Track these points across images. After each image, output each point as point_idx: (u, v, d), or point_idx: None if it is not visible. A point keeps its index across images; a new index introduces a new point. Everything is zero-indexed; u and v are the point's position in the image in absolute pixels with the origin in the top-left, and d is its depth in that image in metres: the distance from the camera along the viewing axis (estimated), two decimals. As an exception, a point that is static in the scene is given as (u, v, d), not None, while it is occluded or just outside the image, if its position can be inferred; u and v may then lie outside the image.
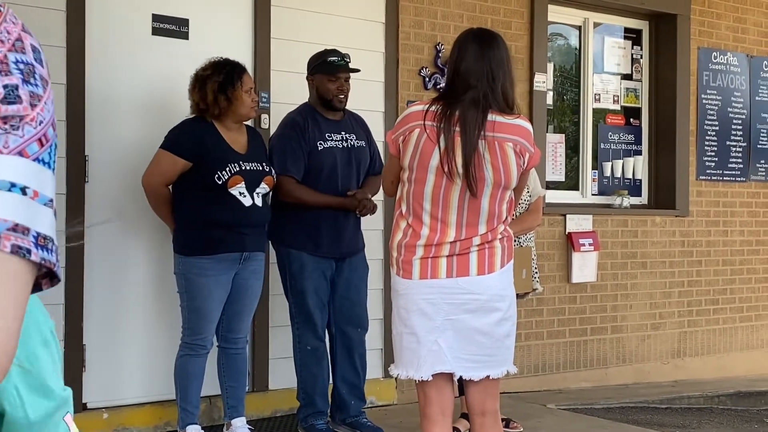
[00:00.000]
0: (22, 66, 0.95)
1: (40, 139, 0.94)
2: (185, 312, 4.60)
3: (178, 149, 4.53)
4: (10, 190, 0.90)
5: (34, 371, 1.10)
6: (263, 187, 4.64)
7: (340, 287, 4.98)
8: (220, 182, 4.48)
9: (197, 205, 4.53)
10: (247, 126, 4.79)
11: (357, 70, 4.99)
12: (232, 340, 4.72)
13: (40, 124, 0.95)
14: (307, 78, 4.99)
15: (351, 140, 5.01)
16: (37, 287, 0.96)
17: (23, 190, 0.91)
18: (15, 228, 0.89)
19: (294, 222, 4.89)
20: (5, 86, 0.93)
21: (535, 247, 5.46)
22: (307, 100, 5.03)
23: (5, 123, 0.92)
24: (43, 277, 0.96)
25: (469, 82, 3.35)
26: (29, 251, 0.89)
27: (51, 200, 0.95)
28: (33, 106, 0.95)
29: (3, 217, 0.88)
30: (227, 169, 4.51)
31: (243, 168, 4.56)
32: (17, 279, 0.89)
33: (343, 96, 4.93)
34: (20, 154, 0.92)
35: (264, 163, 4.70)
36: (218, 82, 4.52)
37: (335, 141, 4.94)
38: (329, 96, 4.90)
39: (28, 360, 1.10)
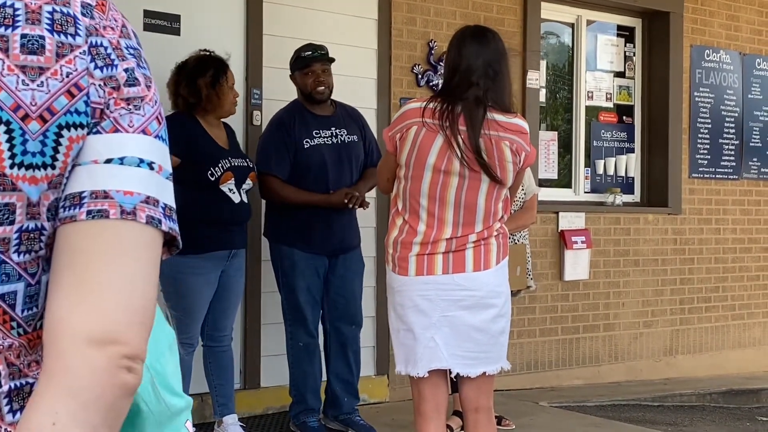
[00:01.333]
0: (132, 50, 1.04)
1: (157, 117, 1.04)
2: (172, 311, 4.57)
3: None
4: (139, 166, 0.98)
5: (163, 372, 1.19)
6: (248, 183, 4.63)
7: (335, 284, 4.96)
8: (213, 179, 4.46)
9: (188, 202, 4.49)
10: (223, 122, 4.76)
11: (331, 60, 4.93)
12: (218, 338, 4.69)
13: (155, 104, 1.04)
14: (290, 78, 4.98)
15: (342, 135, 4.97)
16: None
17: (150, 165, 0.99)
18: (147, 200, 0.98)
19: (286, 219, 4.87)
20: (125, 70, 1.02)
21: (529, 245, 5.46)
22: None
23: (129, 104, 1.01)
24: (164, 245, 1.03)
25: (471, 80, 3.35)
26: (160, 221, 0.99)
27: (171, 174, 1.03)
28: (148, 87, 1.04)
29: (137, 190, 0.97)
30: (219, 165, 4.49)
31: (233, 164, 4.54)
32: (153, 247, 0.98)
33: (322, 88, 4.88)
34: (144, 132, 1.01)
35: (247, 159, 4.69)
36: (211, 76, 4.50)
37: (324, 138, 4.91)
38: (308, 90, 4.88)
39: (159, 362, 1.19)
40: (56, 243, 0.97)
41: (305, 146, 4.85)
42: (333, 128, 4.96)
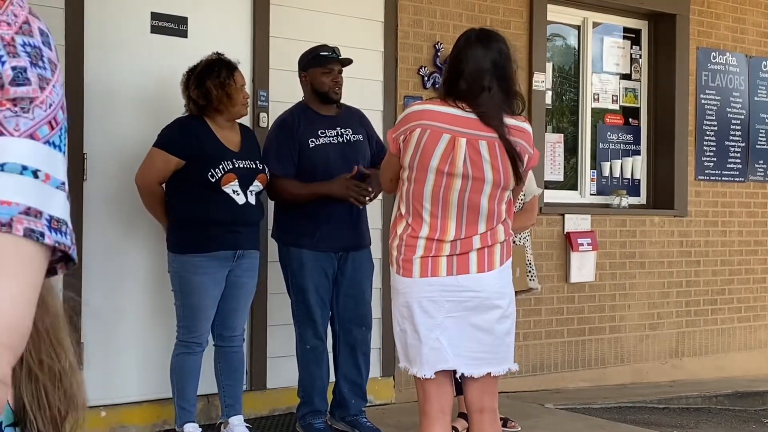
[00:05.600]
0: (29, 49, 0.95)
1: (50, 122, 0.95)
2: (180, 310, 4.60)
3: (172, 147, 4.52)
4: (21, 173, 0.90)
5: None
6: (256, 185, 4.64)
7: (344, 285, 4.96)
8: (213, 180, 4.48)
9: (191, 203, 4.53)
10: (240, 124, 4.78)
11: (350, 61, 4.97)
12: (229, 338, 4.72)
13: (49, 107, 0.95)
14: (300, 75, 4.97)
15: (347, 135, 4.98)
16: (51, 272, 0.95)
17: (35, 173, 0.91)
18: (27, 211, 0.89)
19: (293, 219, 4.88)
20: (14, 68, 0.93)
21: (530, 246, 5.46)
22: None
23: (15, 105, 0.92)
24: (58, 262, 0.95)
25: (482, 83, 3.35)
26: (42, 234, 0.90)
27: (63, 183, 0.95)
28: (42, 88, 0.95)
29: (16, 200, 0.88)
30: (220, 167, 4.51)
31: (236, 166, 4.56)
32: (31, 262, 0.89)
33: (338, 88, 4.91)
34: (31, 136, 0.92)
35: (257, 161, 4.70)
36: (218, 78, 4.53)
37: (329, 137, 4.92)
38: (325, 89, 4.89)
39: None
40: None
41: (310, 145, 4.86)
42: (338, 128, 4.97)
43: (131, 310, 5.06)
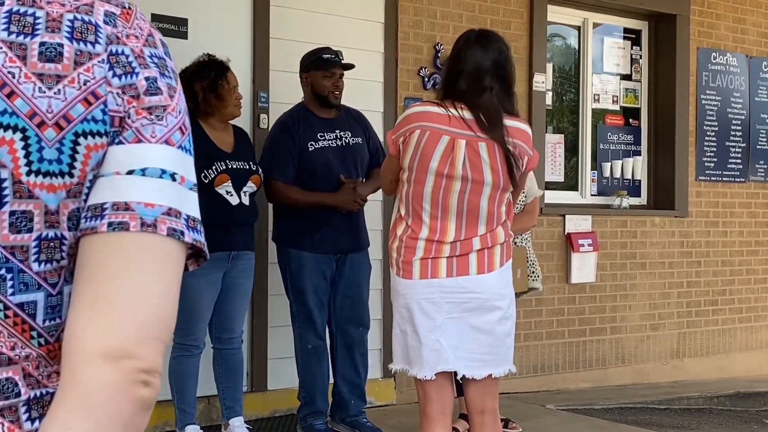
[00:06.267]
0: (156, 60, 1.03)
1: (180, 128, 1.03)
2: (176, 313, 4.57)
3: None
4: (161, 177, 0.98)
5: None
6: (250, 186, 4.63)
7: (342, 285, 4.97)
8: (206, 181, 4.47)
9: None
10: (234, 126, 4.77)
11: (351, 66, 4.97)
12: (227, 340, 4.71)
13: (179, 114, 1.03)
14: (301, 76, 4.97)
15: (346, 138, 4.98)
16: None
17: (172, 176, 1.00)
18: (169, 212, 0.97)
19: (292, 220, 4.88)
20: (146, 78, 1.00)
21: (531, 247, 5.45)
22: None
23: (150, 113, 1.00)
24: (188, 258, 1.04)
25: (483, 84, 3.35)
26: (183, 233, 0.98)
27: (195, 184, 1.04)
28: (171, 96, 1.02)
29: (159, 202, 0.97)
30: (213, 167, 4.50)
31: (229, 166, 4.55)
32: (174, 260, 0.98)
33: (338, 92, 4.91)
34: (166, 142, 1.00)
35: (251, 162, 4.69)
36: (208, 80, 4.52)
37: (329, 140, 4.92)
38: (324, 92, 4.89)
39: None
40: (78, 255, 0.97)
41: (310, 149, 4.86)
42: (337, 130, 4.97)
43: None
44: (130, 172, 0.97)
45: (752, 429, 6.21)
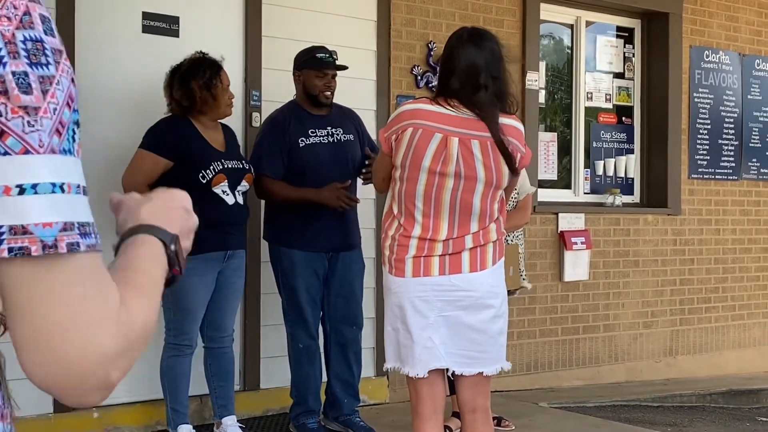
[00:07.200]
0: (29, 45, 0.92)
1: (57, 129, 0.95)
2: (170, 313, 4.54)
3: (160, 149, 4.48)
4: (53, 192, 0.92)
5: None
6: (244, 185, 4.63)
7: (334, 284, 4.96)
8: (204, 181, 4.46)
9: None
10: (222, 124, 4.76)
11: (345, 67, 4.97)
12: (219, 339, 4.70)
13: (54, 113, 0.94)
14: (294, 73, 4.97)
15: (338, 134, 4.97)
16: None
17: (62, 188, 0.93)
18: (65, 227, 0.92)
19: (283, 219, 4.87)
20: (14, 73, 0.91)
21: (523, 245, 5.45)
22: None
23: (28, 114, 0.91)
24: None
25: (478, 82, 3.35)
26: (78, 244, 0.93)
27: (79, 185, 0.96)
28: (44, 92, 0.93)
29: (55, 219, 0.92)
30: (211, 167, 4.49)
31: (225, 166, 4.54)
32: (82, 268, 0.94)
33: (329, 93, 4.91)
34: (52, 150, 0.94)
35: (243, 161, 4.69)
36: (204, 78, 4.50)
37: (320, 136, 4.91)
38: (315, 92, 4.89)
39: None
40: None
41: (300, 145, 4.86)
42: (329, 127, 4.96)
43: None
44: (21, 192, 0.90)
45: (745, 426, 6.22)
